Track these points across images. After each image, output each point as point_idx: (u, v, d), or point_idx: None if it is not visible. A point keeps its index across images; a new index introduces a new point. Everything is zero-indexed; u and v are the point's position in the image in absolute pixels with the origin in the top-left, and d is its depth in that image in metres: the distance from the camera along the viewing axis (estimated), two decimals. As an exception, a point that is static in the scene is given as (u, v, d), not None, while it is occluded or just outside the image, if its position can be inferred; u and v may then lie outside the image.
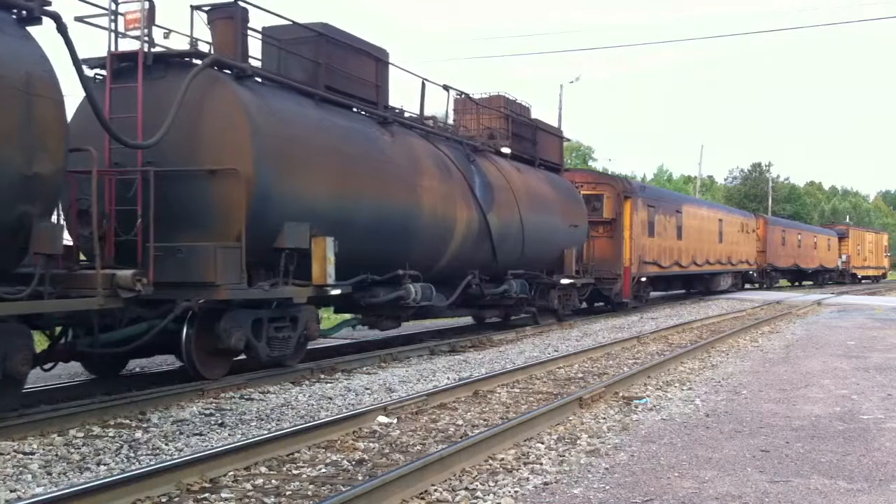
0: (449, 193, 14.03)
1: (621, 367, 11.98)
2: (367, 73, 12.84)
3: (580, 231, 19.97)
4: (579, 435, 7.32)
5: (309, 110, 11.26)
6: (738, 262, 35.67)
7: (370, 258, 12.05)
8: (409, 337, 16.16)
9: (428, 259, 13.57)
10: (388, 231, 12.33)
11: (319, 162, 10.97)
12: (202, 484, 5.67)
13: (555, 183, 19.34)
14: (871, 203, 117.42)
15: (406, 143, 13.35)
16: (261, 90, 10.67)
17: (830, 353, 13.70)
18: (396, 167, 12.71)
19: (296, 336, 10.87)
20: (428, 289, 13.23)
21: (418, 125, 14.38)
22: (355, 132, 12.10)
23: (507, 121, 17.85)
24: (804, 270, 47.51)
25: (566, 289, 19.38)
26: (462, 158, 15.03)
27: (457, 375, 11.03)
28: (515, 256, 16.52)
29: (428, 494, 5.50)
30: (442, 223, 13.80)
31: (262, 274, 10.17)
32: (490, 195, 15.43)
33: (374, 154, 12.26)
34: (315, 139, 11.04)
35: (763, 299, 30.79)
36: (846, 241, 54.53)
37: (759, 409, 8.62)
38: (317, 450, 6.75)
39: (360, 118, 12.62)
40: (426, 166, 13.60)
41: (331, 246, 10.58)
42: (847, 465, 6.38)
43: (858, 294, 38.10)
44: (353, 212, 11.49)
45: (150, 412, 8.26)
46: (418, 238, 13.11)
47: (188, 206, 9.74)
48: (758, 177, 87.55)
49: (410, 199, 12.92)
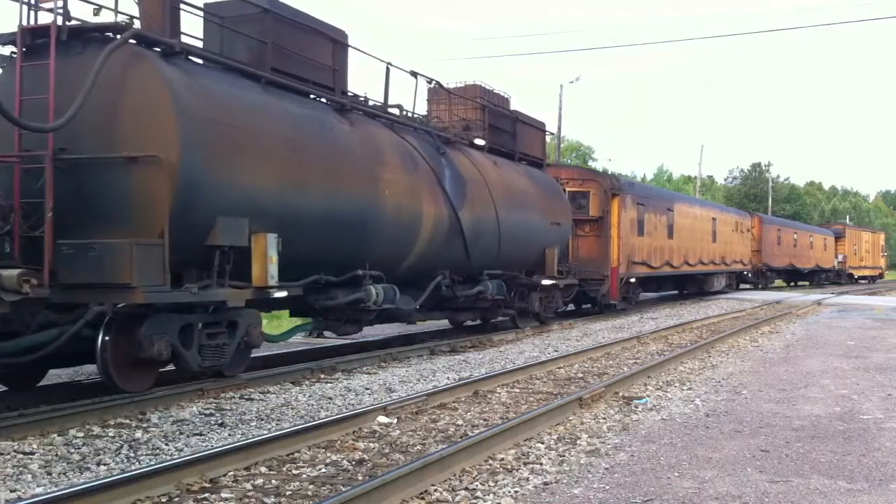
0: (415, 187, 12.96)
1: (621, 367, 11.98)
2: (322, 56, 11.68)
3: (563, 229, 18.86)
4: (579, 435, 7.32)
5: (252, 94, 10.18)
6: (732, 262, 34.88)
7: (325, 257, 11.07)
8: (409, 337, 16.15)
9: (392, 258, 12.55)
10: (345, 227, 11.23)
11: (262, 151, 9.93)
12: (202, 484, 5.67)
13: (536, 178, 18.19)
14: (871, 203, 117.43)
15: (367, 133, 12.26)
16: (194, 70, 9.62)
17: (830, 353, 13.70)
18: (355, 158, 11.62)
19: (234, 343, 9.75)
20: (391, 290, 12.20)
21: (382, 114, 13.28)
22: (307, 119, 11.02)
23: (483, 112, 16.75)
24: (800, 270, 47.03)
25: (548, 290, 18.35)
26: (431, 150, 13.96)
27: (457, 375, 11.03)
28: (491, 256, 15.50)
29: (428, 494, 5.50)
30: (407, 219, 12.72)
31: (194, 275, 9.15)
32: (462, 190, 14.39)
33: (328, 143, 11.19)
34: (258, 126, 9.97)
35: (763, 299, 30.78)
36: (842, 241, 54.07)
37: (759, 409, 8.63)
38: (317, 450, 6.75)
39: (314, 104, 11.54)
40: (389, 158, 12.53)
41: (273, 243, 9.64)
42: (847, 465, 6.38)
43: (858, 294, 38.08)
44: (302, 206, 10.46)
45: (150, 412, 8.26)
46: (380, 235, 12.04)
47: (105, 198, 8.76)
48: (758, 177, 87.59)
49: (370, 192, 11.81)
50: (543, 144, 19.99)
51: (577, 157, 63.54)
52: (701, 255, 30.47)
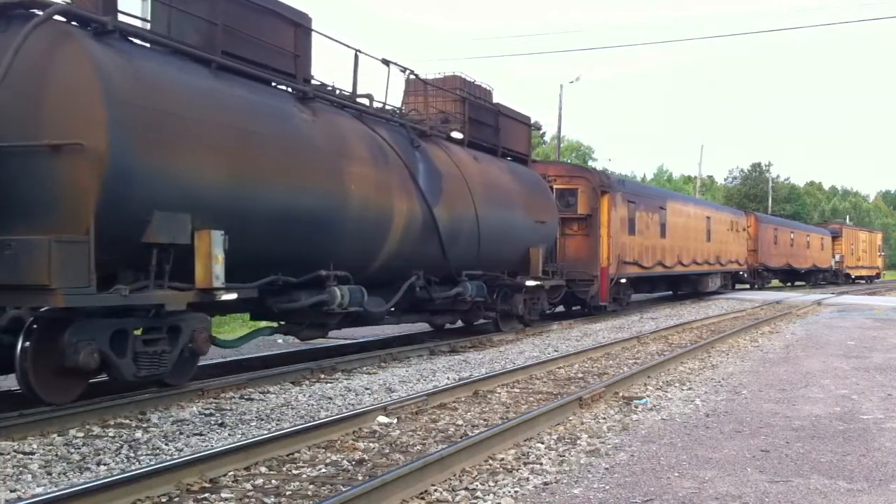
0: (385, 182, 12.12)
1: (621, 367, 11.98)
2: (282, 41, 10.86)
3: (549, 228, 18.02)
4: (579, 435, 7.32)
5: (198, 79, 9.36)
6: (727, 262, 34.18)
7: (283, 256, 10.29)
8: (409, 337, 16.15)
9: (360, 258, 11.78)
10: (305, 224, 10.44)
11: (208, 140, 9.12)
12: (202, 484, 5.67)
13: (519, 174, 17.36)
14: (871, 203, 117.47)
15: (332, 124, 11.46)
16: (130, 51, 8.74)
17: (830, 353, 13.70)
18: (317, 150, 10.79)
19: (176, 350, 8.91)
20: (358, 292, 11.36)
21: (351, 104, 12.41)
22: (263, 107, 10.18)
23: (463, 104, 15.92)
24: (797, 270, 46.57)
25: (533, 292, 17.58)
26: (404, 143, 13.12)
27: (457, 375, 11.03)
28: (470, 255, 14.69)
29: (428, 494, 5.50)
30: (376, 216, 11.89)
31: (129, 275, 8.43)
32: (437, 185, 13.57)
33: (286, 134, 10.37)
34: (204, 113, 9.17)
35: (762, 299, 30.76)
36: (840, 241, 53.67)
37: (759, 409, 8.63)
38: (317, 450, 6.75)
39: (272, 92, 10.74)
40: (356, 150, 11.68)
41: (219, 241, 8.82)
42: (847, 465, 6.38)
43: (858, 294, 38.07)
44: (255, 200, 9.65)
45: (150, 412, 8.26)
46: (345, 233, 11.23)
47: (26, 190, 7.95)
48: (758, 177, 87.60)
49: (334, 187, 10.99)
50: (528, 139, 19.26)
51: (577, 157, 63.56)
52: (695, 255, 29.82)
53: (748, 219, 39.59)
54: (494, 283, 15.91)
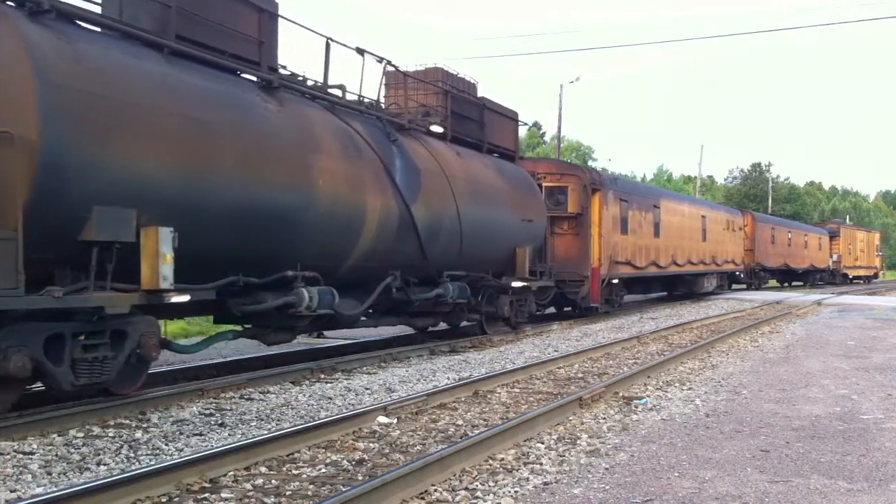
0: (357, 177, 11.47)
1: (621, 367, 11.98)
2: (244, 26, 10.25)
3: (536, 227, 17.32)
4: (579, 435, 7.32)
5: (148, 64, 8.68)
6: (723, 262, 33.48)
7: (245, 255, 9.65)
8: (409, 337, 16.15)
9: (330, 257, 11.13)
10: (268, 221, 9.82)
11: (157, 130, 8.45)
12: (202, 484, 5.68)
13: (506, 171, 16.69)
14: (871, 203, 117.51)
15: (299, 115, 10.81)
16: (70, 33, 8.06)
17: (830, 353, 13.70)
18: (281, 142, 10.16)
19: (121, 357, 8.22)
20: (328, 293, 10.70)
21: (322, 95, 11.79)
22: (220, 96, 9.51)
23: (445, 97, 15.21)
24: (794, 270, 46.05)
25: (520, 293, 16.91)
26: (380, 137, 12.48)
27: (457, 375, 11.03)
28: (452, 255, 14.03)
29: (428, 494, 5.50)
30: (347, 213, 11.22)
31: (68, 276, 7.83)
32: (415, 182, 12.92)
33: (247, 124, 9.68)
34: (153, 101, 8.48)
35: (762, 299, 30.76)
36: (837, 241, 53.28)
37: (759, 409, 8.63)
38: (317, 450, 6.75)
39: (232, 80, 10.05)
40: (326, 143, 10.99)
41: (167, 238, 8.15)
42: (847, 465, 6.38)
43: (858, 294, 38.07)
44: (211, 196, 9.02)
45: (150, 412, 8.26)
46: (313, 231, 10.58)
47: None
48: (758, 177, 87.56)
49: (300, 182, 10.37)
50: (516, 135, 18.55)
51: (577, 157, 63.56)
52: (690, 255, 29.14)
53: (745, 218, 39.05)
54: (478, 284, 15.32)
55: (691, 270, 29.59)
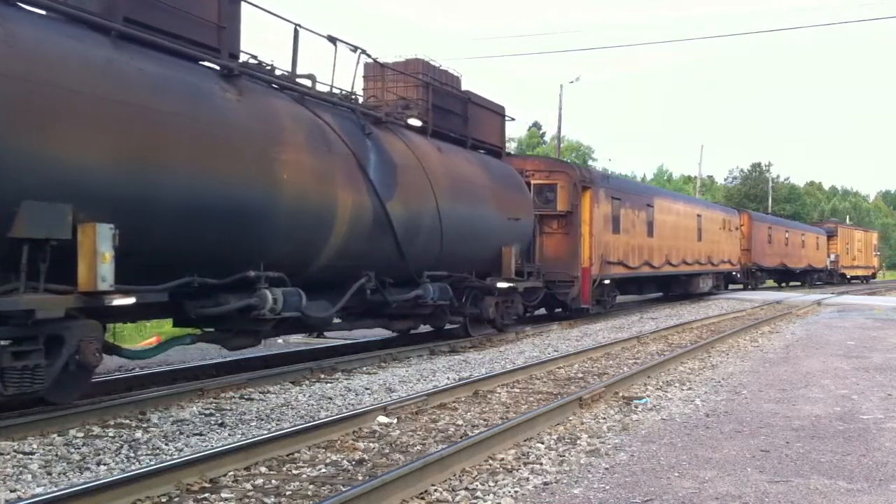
0: (327, 172, 10.80)
1: (621, 367, 11.98)
2: (202, 9, 9.61)
3: (523, 225, 16.66)
4: (579, 435, 7.32)
5: (90, 48, 8.02)
6: (719, 262, 32.74)
7: (201, 255, 9.01)
8: (409, 337, 16.15)
9: (298, 257, 10.49)
10: (227, 218, 9.17)
11: (98, 119, 7.80)
12: (202, 484, 5.67)
13: (491, 168, 16.03)
14: (871, 203, 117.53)
15: (263, 105, 10.17)
16: (5, 14, 7.49)
17: (830, 353, 13.70)
18: (242, 134, 9.48)
19: (57, 364, 7.50)
20: (295, 295, 10.00)
21: (291, 85, 11.14)
22: (172, 84, 8.79)
23: (426, 90, 14.54)
24: (792, 270, 45.46)
25: (506, 294, 16.25)
26: (353, 130, 11.80)
27: (457, 375, 11.03)
28: (432, 255, 13.40)
29: (428, 494, 5.50)
30: (315, 210, 10.57)
31: None
32: (391, 177, 12.26)
33: (202, 115, 9.02)
34: (94, 87, 7.82)
35: (763, 299, 30.75)
36: (835, 240, 52.80)
37: (759, 409, 8.63)
38: (317, 450, 6.75)
39: (189, 68, 9.35)
40: (292, 136, 10.35)
41: (106, 236, 7.48)
42: (847, 465, 6.38)
43: (858, 294, 38.05)
44: (160, 190, 8.33)
45: (150, 412, 8.26)
46: (278, 228, 9.95)
47: None
48: (758, 177, 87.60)
49: (263, 176, 9.71)
50: (502, 131, 17.81)
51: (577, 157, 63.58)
52: (685, 255, 28.47)
53: (741, 217, 38.32)
54: (461, 285, 14.69)
55: (686, 271, 28.99)
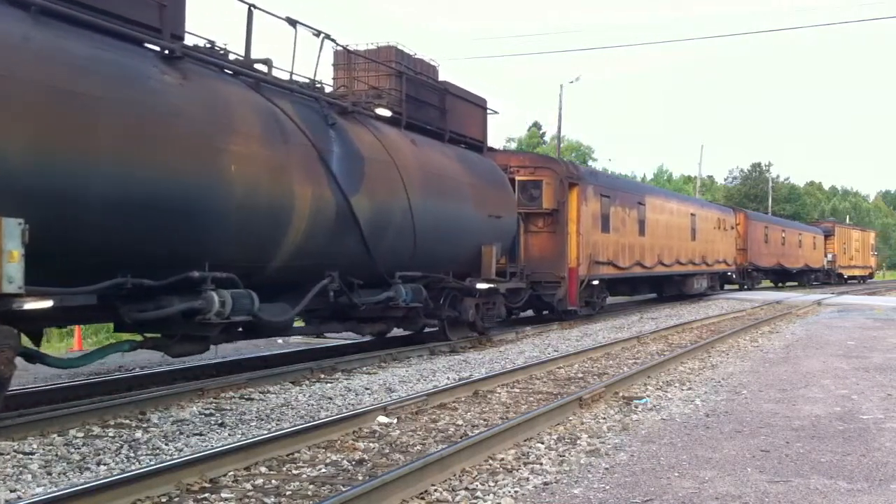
0: (283, 164, 10.02)
1: (621, 367, 11.98)
2: None
3: (505, 223, 15.89)
4: (579, 435, 7.32)
5: (5, 24, 7.34)
6: (714, 262, 32.04)
7: (135, 253, 8.20)
8: (409, 337, 16.14)
9: (251, 256, 9.71)
10: (165, 213, 8.33)
11: (8, 101, 7.10)
12: (202, 484, 5.68)
13: (470, 163, 15.22)
14: (871, 203, 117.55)
15: (210, 91, 9.33)
16: None
17: (830, 353, 13.71)
18: (181, 121, 8.63)
19: None
20: (246, 297, 9.25)
21: (246, 70, 10.29)
22: (102, 65, 7.93)
23: (399, 79, 13.69)
24: (788, 270, 45.01)
25: (488, 296, 15.56)
26: (315, 120, 10.98)
27: (457, 375, 11.03)
28: (404, 254, 12.63)
29: (428, 494, 5.50)
30: (269, 205, 9.73)
31: None
32: (357, 170, 11.46)
33: (135, 99, 8.14)
34: (7, 67, 7.14)
35: (763, 299, 30.75)
36: (832, 240, 52.44)
37: (759, 409, 8.63)
38: (317, 450, 6.76)
39: (124, 49, 8.44)
40: (242, 124, 9.53)
41: (13, 232, 6.76)
42: (847, 465, 6.38)
43: (858, 294, 38.04)
44: (84, 181, 7.57)
45: (150, 412, 8.26)
46: (226, 225, 9.14)
47: None
48: (758, 177, 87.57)
49: (208, 167, 8.89)
50: (484, 124, 16.83)
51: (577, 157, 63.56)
52: (678, 255, 27.72)
53: (737, 216, 37.61)
54: (438, 286, 13.98)
55: (680, 271, 28.29)
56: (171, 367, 11.38)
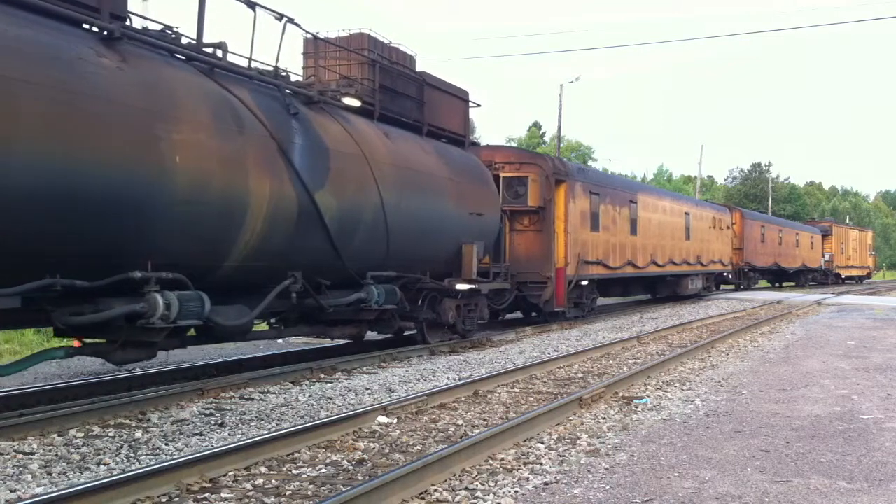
0: (236, 156, 9.27)
1: (621, 367, 11.98)
2: None
3: (488, 221, 15.28)
4: (579, 435, 7.32)
5: None
6: (709, 262, 31.29)
7: (66, 251, 7.58)
8: (409, 337, 16.14)
9: (201, 255, 9.05)
10: (96, 208, 7.66)
11: None
12: (202, 484, 5.68)
13: (450, 158, 14.53)
14: (871, 203, 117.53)
15: (153, 76, 8.55)
16: None
17: (830, 353, 13.70)
18: (117, 107, 7.91)
19: None
20: (195, 299, 8.58)
21: (198, 55, 9.58)
22: (24, 45, 7.26)
23: (372, 68, 13.00)
24: (785, 270, 44.56)
25: (469, 297, 14.94)
26: (276, 109, 10.30)
27: (457, 375, 11.03)
28: (376, 253, 12.00)
29: (428, 494, 5.50)
30: (220, 200, 9.00)
31: None
32: (322, 164, 10.75)
33: (64, 83, 7.45)
34: None
35: (763, 299, 30.75)
36: (829, 239, 52.05)
37: (759, 409, 8.63)
38: (317, 450, 6.76)
39: (57, 29, 7.80)
40: (188, 111, 8.77)
41: None
42: (847, 465, 6.38)
43: (858, 294, 38.05)
44: (6, 171, 6.92)
45: (150, 412, 8.26)
46: (170, 221, 8.45)
47: None
48: (758, 177, 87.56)
49: (145, 157, 8.12)
50: (465, 118, 16.16)
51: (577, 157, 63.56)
52: (672, 255, 27.02)
53: (733, 215, 36.92)
54: (413, 287, 13.38)
55: (673, 271, 27.51)
56: (171, 368, 11.38)
